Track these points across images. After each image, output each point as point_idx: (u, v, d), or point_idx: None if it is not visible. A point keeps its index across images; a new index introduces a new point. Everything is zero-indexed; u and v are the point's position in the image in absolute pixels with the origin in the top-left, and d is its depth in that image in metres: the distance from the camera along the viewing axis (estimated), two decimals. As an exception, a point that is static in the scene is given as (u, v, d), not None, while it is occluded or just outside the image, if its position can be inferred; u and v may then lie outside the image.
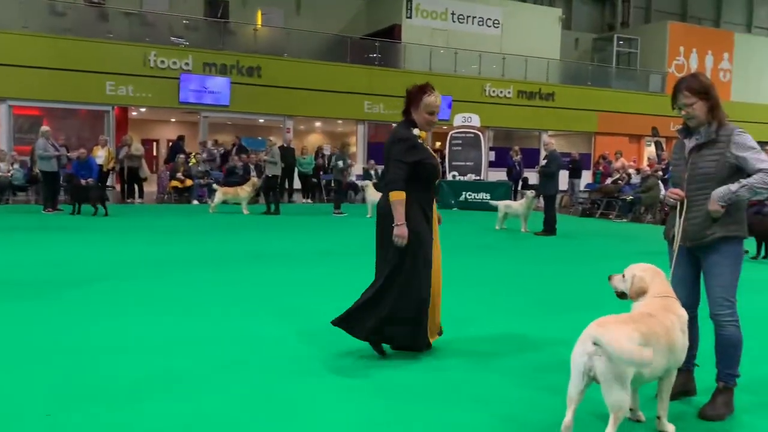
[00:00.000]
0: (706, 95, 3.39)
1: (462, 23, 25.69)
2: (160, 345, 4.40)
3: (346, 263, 8.16)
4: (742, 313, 3.47)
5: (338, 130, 25.70)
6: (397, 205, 4.03)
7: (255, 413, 3.27)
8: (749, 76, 31.04)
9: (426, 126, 4.25)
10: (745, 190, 3.28)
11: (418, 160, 4.10)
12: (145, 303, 5.62)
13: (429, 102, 4.17)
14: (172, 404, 3.34)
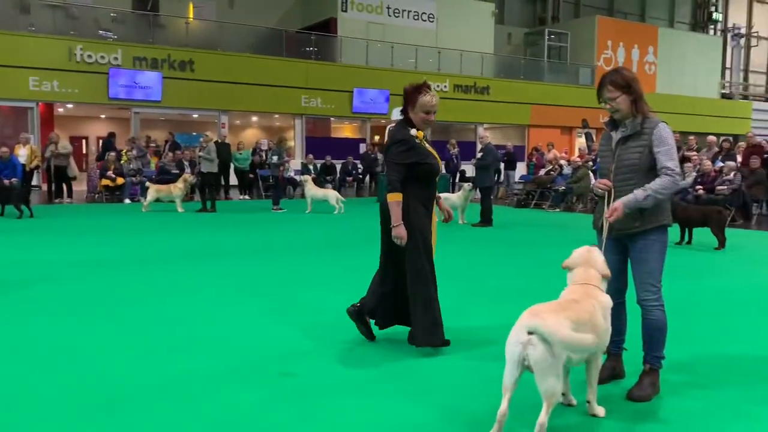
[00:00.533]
0: (628, 89, 3.51)
1: (397, 17, 25.78)
2: (83, 351, 4.25)
3: (284, 260, 8.09)
4: (667, 298, 3.62)
5: (275, 125, 25.39)
6: (394, 206, 4.12)
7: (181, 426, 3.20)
8: (672, 69, 32.38)
9: (423, 125, 4.29)
10: (650, 201, 3.42)
11: (415, 162, 4.17)
12: (70, 306, 5.41)
13: (425, 101, 4.20)
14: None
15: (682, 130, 21.78)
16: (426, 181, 4.26)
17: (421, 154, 4.20)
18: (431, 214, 4.33)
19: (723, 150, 14.75)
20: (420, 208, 4.21)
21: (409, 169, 4.15)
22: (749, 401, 3.51)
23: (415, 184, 4.18)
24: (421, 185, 4.22)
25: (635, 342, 3.71)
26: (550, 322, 2.85)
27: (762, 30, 39.16)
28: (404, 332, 4.58)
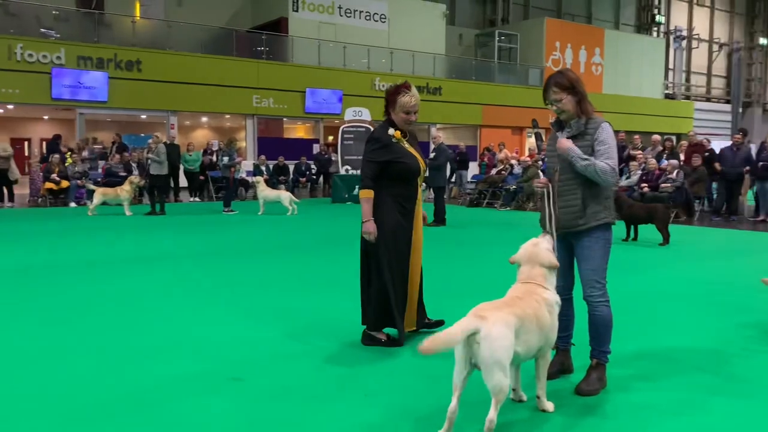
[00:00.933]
0: (573, 90, 3.58)
1: (349, 17, 25.75)
2: (33, 360, 4.10)
3: (236, 263, 7.98)
4: (612, 293, 3.70)
5: (227, 126, 25.05)
6: (363, 202, 4.30)
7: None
8: (618, 70, 33.24)
9: (404, 125, 4.41)
10: (584, 167, 3.49)
11: (389, 160, 4.27)
12: (12, 313, 5.22)
13: (404, 102, 4.32)
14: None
15: (627, 129, 22.38)
16: (402, 180, 4.34)
17: (395, 153, 4.29)
18: (411, 213, 4.40)
19: (666, 149, 15.22)
20: (394, 206, 4.31)
21: (383, 167, 4.27)
22: (691, 391, 3.62)
23: (391, 182, 4.30)
24: (396, 184, 4.32)
25: (583, 337, 3.78)
26: (493, 325, 2.88)
27: (702, 33, 40.57)
28: (352, 334, 4.58)
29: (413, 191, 4.44)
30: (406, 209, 4.37)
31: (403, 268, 4.40)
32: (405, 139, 4.42)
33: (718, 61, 41.86)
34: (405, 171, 4.35)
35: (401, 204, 4.34)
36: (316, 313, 5.40)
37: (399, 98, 4.33)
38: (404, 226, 4.37)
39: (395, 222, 4.31)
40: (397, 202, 4.32)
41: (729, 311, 5.52)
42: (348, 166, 18.98)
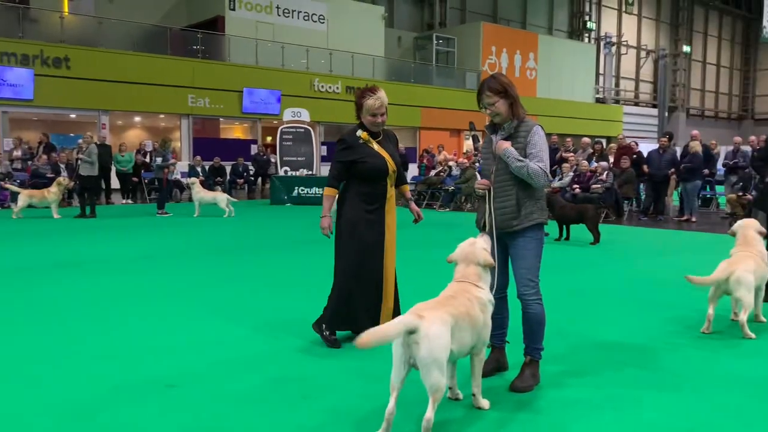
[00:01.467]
0: (505, 94, 3.66)
1: (287, 17, 25.52)
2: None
3: (168, 267, 7.78)
4: (545, 292, 3.79)
5: (161, 125, 24.39)
6: (324, 199, 4.54)
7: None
8: (551, 75, 34.17)
9: (372, 127, 4.55)
10: (518, 167, 3.57)
11: (353, 160, 4.43)
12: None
13: (369, 105, 4.48)
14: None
15: (560, 132, 23.01)
16: (367, 179, 4.47)
17: (359, 153, 4.44)
18: (378, 211, 4.51)
19: (596, 151, 15.74)
20: (360, 204, 4.45)
21: (348, 167, 4.44)
22: (621, 386, 3.75)
23: (357, 181, 4.46)
24: (363, 183, 4.47)
25: (518, 335, 3.86)
26: (431, 324, 2.91)
27: (631, 39, 42.20)
28: (290, 336, 4.53)
29: (380, 190, 4.54)
30: (372, 207, 4.48)
31: (372, 267, 4.48)
32: (376, 141, 4.55)
33: (645, 67, 43.63)
34: (370, 170, 4.46)
35: (367, 202, 4.47)
36: (253, 316, 5.32)
37: (365, 101, 4.49)
38: (370, 221, 4.47)
39: (358, 217, 4.44)
40: (363, 200, 4.46)
41: (655, 307, 5.75)
42: (287, 167, 18.80)
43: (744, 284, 4.83)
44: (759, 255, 5.16)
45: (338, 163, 4.49)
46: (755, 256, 5.11)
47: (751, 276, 4.88)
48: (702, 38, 47.59)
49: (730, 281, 4.85)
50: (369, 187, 4.48)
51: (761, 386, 3.78)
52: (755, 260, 5.06)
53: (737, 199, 12.96)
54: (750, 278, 4.87)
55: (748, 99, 51.86)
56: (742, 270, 4.87)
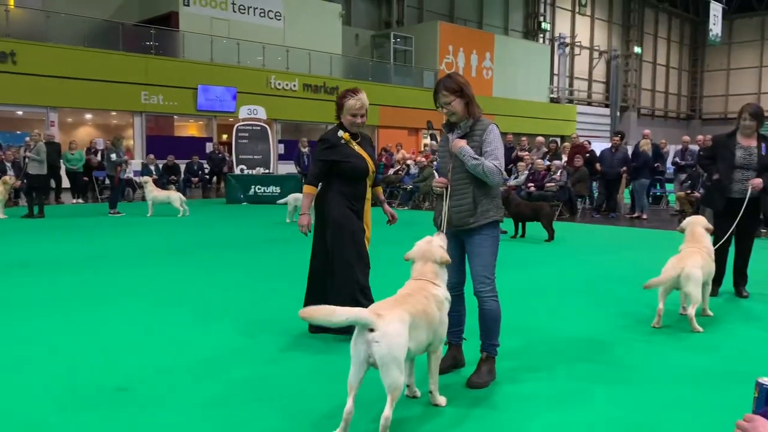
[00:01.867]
0: (461, 93, 3.69)
1: (243, 14, 25.21)
2: None
3: (121, 268, 7.60)
4: (501, 288, 3.84)
5: (113, 123, 23.82)
6: (304, 197, 4.61)
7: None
8: (507, 74, 34.62)
9: (353, 127, 4.61)
10: (474, 166, 3.62)
11: (335, 159, 4.50)
12: None
13: (349, 105, 4.54)
14: None
15: (515, 131, 23.38)
16: (349, 179, 4.57)
17: (342, 153, 4.51)
18: (360, 211, 4.64)
19: (550, 150, 16.01)
20: (343, 202, 4.55)
21: (330, 166, 4.51)
22: (575, 380, 3.82)
23: (339, 180, 4.55)
24: (344, 182, 4.56)
25: (474, 332, 3.90)
26: (390, 322, 2.91)
27: (584, 40, 43.07)
28: (245, 339, 4.48)
29: (361, 190, 4.65)
30: (354, 207, 4.60)
31: (366, 261, 4.69)
32: (356, 141, 4.62)
33: (598, 68, 44.59)
34: (351, 170, 4.55)
35: (350, 201, 4.57)
36: (208, 317, 5.24)
37: (346, 102, 4.56)
38: (354, 221, 4.60)
39: (343, 214, 4.54)
40: (346, 199, 4.56)
41: (608, 303, 5.88)
42: (243, 165, 18.58)
43: (693, 280, 4.98)
44: (706, 251, 5.34)
45: (321, 162, 4.54)
46: (702, 251, 5.28)
47: (699, 271, 5.04)
48: (652, 40, 48.92)
49: (681, 277, 4.99)
50: (350, 187, 4.57)
51: (708, 378, 3.90)
52: (702, 256, 5.23)
53: (685, 196, 13.35)
54: (698, 274, 5.02)
55: (696, 99, 53.55)
56: (691, 266, 5.01)
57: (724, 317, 5.45)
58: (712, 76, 52.68)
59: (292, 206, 12.66)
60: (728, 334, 4.96)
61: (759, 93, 48.71)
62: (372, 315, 2.92)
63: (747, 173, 5.96)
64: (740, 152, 6.00)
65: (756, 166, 5.93)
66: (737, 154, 5.99)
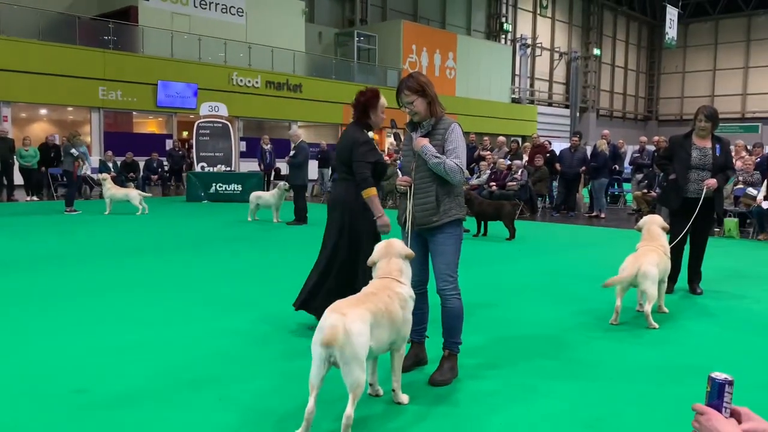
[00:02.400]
0: (423, 93, 3.71)
1: (205, 9, 24.84)
2: None
3: (79, 267, 7.42)
4: (463, 286, 3.87)
5: (69, 119, 23.24)
6: (374, 200, 4.41)
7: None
8: (470, 74, 34.90)
9: (380, 125, 4.77)
10: (435, 164, 3.64)
11: (377, 160, 4.55)
12: None
13: (383, 102, 4.68)
14: None
15: (478, 131, 23.58)
16: (378, 179, 4.61)
17: (378, 154, 4.59)
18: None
19: (512, 150, 16.20)
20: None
21: (373, 166, 4.48)
22: (535, 377, 3.87)
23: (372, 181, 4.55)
24: (376, 182, 4.55)
25: (437, 330, 3.92)
26: (351, 322, 2.89)
27: (545, 41, 43.69)
28: (205, 338, 4.42)
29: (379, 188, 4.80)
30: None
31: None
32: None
33: (558, 69, 45.29)
34: (383, 170, 4.66)
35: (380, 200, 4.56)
36: (168, 317, 5.16)
37: (379, 101, 4.65)
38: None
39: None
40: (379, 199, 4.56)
41: (567, 299, 5.98)
42: (204, 163, 18.32)
43: (649, 278, 5.09)
44: (662, 249, 5.48)
45: (369, 164, 4.45)
46: (658, 250, 5.41)
47: (655, 269, 5.16)
48: (611, 42, 49.89)
49: (637, 275, 5.10)
50: (377, 187, 4.58)
51: (664, 373, 4.00)
52: (658, 254, 5.36)
53: (642, 196, 13.66)
54: (654, 272, 5.14)
55: (653, 101, 54.85)
56: (647, 264, 5.13)
57: (680, 314, 5.59)
58: (669, 78, 54.03)
59: (254, 204, 12.56)
60: (683, 330, 5.09)
61: (713, 95, 50.17)
62: (336, 315, 2.91)
63: (702, 173, 6.12)
64: (696, 153, 6.16)
65: (711, 167, 6.10)
66: (693, 155, 6.15)
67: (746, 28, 49.37)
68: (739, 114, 49.30)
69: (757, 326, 5.22)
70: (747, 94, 49.42)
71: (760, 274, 7.62)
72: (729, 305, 5.93)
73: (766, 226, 10.75)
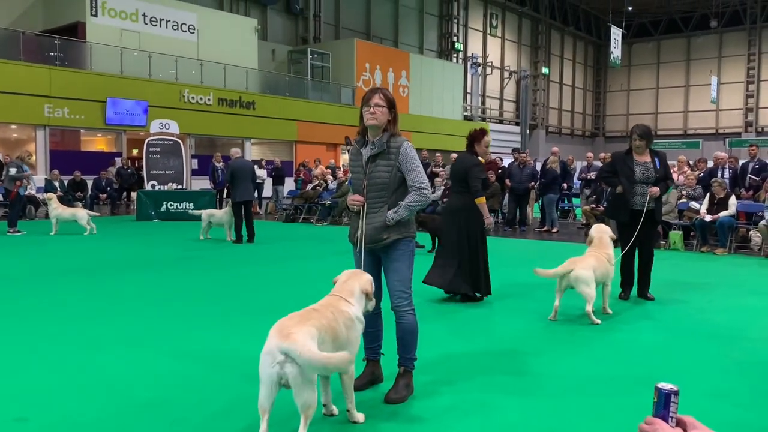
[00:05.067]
0: (392, 107, 3.74)
1: (155, 26, 24.50)
2: None
3: (20, 289, 7.15)
4: (417, 301, 3.87)
5: (13, 137, 22.52)
6: (484, 206, 6.35)
7: None
8: (422, 92, 35.30)
9: (484, 156, 6.55)
10: (403, 210, 3.70)
11: (484, 178, 6.44)
12: None
13: (488, 140, 6.53)
14: None
15: (430, 147, 23.80)
16: (485, 190, 6.50)
17: (484, 173, 6.52)
18: None
19: (466, 166, 16.36)
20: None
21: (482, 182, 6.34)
22: (490, 391, 3.90)
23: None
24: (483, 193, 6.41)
25: (392, 347, 3.91)
26: (300, 341, 2.84)
27: (495, 60, 44.58)
28: (156, 361, 4.31)
29: None
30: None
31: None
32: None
33: (508, 87, 46.22)
34: (487, 185, 6.82)
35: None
36: (115, 339, 5.01)
37: (485, 138, 6.45)
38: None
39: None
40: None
41: (521, 314, 6.05)
42: (154, 181, 17.96)
43: (582, 280, 5.50)
44: (605, 256, 5.87)
45: (479, 180, 6.30)
46: (600, 256, 5.80)
47: (589, 272, 5.54)
48: (559, 61, 51.24)
49: (570, 277, 5.53)
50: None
51: (613, 384, 4.08)
52: (597, 258, 5.74)
53: (591, 210, 14.00)
54: (587, 274, 5.52)
55: (600, 118, 56.45)
56: (581, 268, 5.54)
57: (629, 322, 5.73)
58: (614, 96, 55.73)
59: (206, 222, 12.36)
60: (632, 339, 5.21)
61: (656, 112, 51.96)
62: (284, 337, 2.86)
63: (646, 187, 6.55)
64: (638, 168, 6.59)
65: (653, 180, 6.50)
66: (636, 171, 6.57)
67: (686, 49, 51.42)
68: (681, 130, 51.15)
69: (703, 334, 5.39)
70: (688, 111, 51.35)
71: (704, 284, 7.87)
72: (676, 314, 6.11)
73: (708, 238, 11.14)
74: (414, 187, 3.69)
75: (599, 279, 5.67)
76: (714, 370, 4.41)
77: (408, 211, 3.70)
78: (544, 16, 48.11)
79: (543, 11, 47.99)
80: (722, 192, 10.99)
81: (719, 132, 48.99)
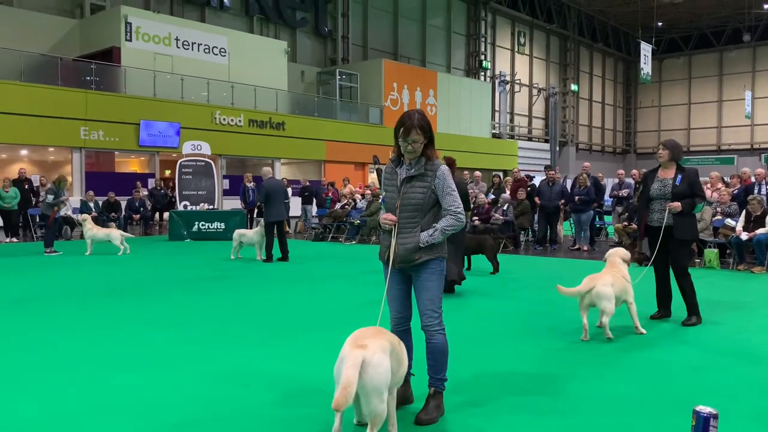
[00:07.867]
0: (429, 133, 3.73)
1: (187, 49, 25.05)
2: None
3: (57, 309, 7.29)
4: (448, 321, 3.85)
5: (50, 159, 23.13)
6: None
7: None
8: (450, 111, 35.37)
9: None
10: (438, 234, 3.71)
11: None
12: None
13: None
14: None
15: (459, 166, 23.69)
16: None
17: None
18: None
19: (495, 184, 16.33)
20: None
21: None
22: (521, 413, 3.84)
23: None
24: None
25: (423, 367, 3.89)
26: (373, 354, 3.05)
27: (523, 78, 44.51)
28: (180, 381, 4.34)
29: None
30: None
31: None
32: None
33: (537, 104, 46.06)
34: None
35: None
36: (146, 362, 5.07)
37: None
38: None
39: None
40: None
41: (550, 334, 5.97)
42: (186, 201, 18.24)
43: (603, 296, 5.61)
44: (619, 274, 5.97)
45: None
46: (615, 273, 5.92)
47: (609, 288, 5.65)
48: (588, 78, 50.95)
49: (592, 294, 5.66)
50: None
51: (648, 406, 3.99)
52: (613, 275, 5.86)
53: (623, 228, 13.79)
54: (608, 290, 5.64)
55: (631, 134, 55.83)
56: (601, 284, 5.67)
57: (664, 340, 5.61)
58: (645, 112, 55.13)
59: (237, 242, 12.49)
60: (667, 359, 5.09)
61: (689, 128, 51.24)
62: (359, 348, 3.04)
63: (665, 203, 6.40)
64: (656, 184, 6.53)
65: (670, 196, 6.39)
66: (653, 187, 6.54)
67: (718, 63, 50.73)
68: (715, 146, 50.31)
69: (742, 355, 5.25)
70: (722, 126, 50.52)
71: (742, 303, 7.68)
72: (713, 334, 5.96)
73: (745, 256, 10.89)
74: (450, 212, 3.70)
75: (617, 294, 5.78)
76: (754, 393, 4.28)
77: (443, 235, 3.71)
78: (572, 33, 47.96)
79: (571, 28, 47.85)
80: (759, 209, 10.76)
81: (754, 147, 48.07)
